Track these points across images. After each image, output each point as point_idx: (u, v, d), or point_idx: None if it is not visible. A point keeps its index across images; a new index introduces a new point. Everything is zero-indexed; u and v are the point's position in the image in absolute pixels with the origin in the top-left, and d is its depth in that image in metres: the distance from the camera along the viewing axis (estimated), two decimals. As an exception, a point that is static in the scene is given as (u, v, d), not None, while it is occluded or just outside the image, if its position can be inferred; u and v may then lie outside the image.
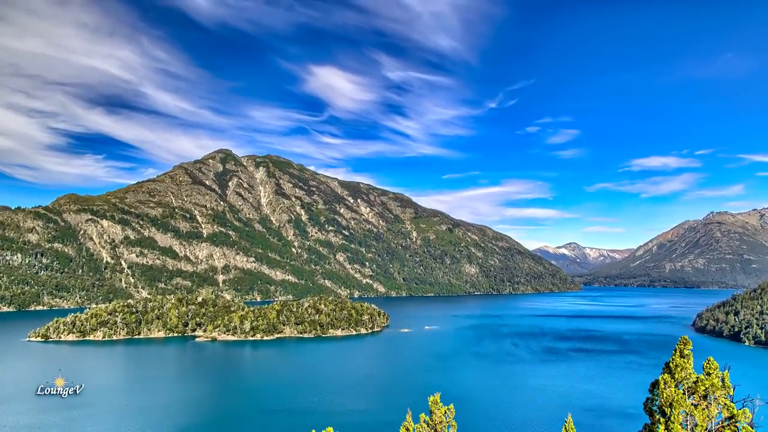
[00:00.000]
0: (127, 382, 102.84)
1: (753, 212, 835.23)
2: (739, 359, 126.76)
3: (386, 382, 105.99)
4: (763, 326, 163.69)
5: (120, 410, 72.03)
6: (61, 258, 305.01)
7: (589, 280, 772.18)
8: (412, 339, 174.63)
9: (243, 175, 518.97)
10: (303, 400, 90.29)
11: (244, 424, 75.37)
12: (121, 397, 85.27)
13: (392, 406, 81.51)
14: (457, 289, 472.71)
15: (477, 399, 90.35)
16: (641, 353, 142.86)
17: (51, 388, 61.82)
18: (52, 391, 61.44)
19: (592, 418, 77.80)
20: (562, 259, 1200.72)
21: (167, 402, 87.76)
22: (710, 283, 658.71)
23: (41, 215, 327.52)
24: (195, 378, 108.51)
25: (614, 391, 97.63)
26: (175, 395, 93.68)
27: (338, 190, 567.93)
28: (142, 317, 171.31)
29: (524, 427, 75.05)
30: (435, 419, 22.33)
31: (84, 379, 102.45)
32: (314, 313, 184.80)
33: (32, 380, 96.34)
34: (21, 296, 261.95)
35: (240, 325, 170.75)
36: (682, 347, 18.88)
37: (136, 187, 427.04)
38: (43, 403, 65.79)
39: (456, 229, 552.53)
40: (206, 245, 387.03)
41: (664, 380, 19.01)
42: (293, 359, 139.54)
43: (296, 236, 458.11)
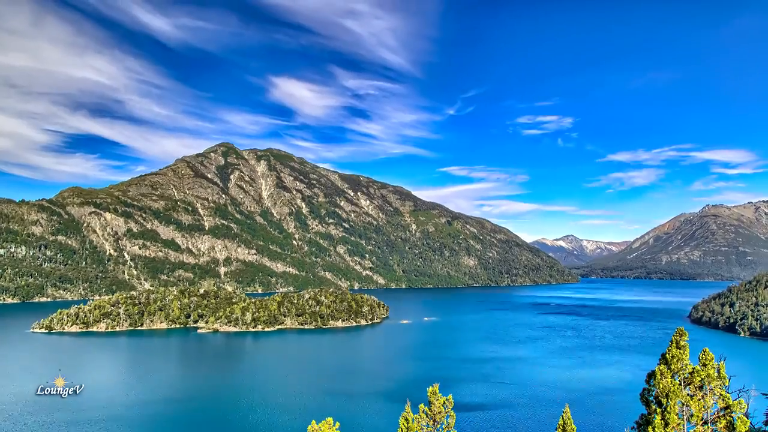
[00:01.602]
0: (129, 374, 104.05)
1: (748, 205, 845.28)
2: (735, 350, 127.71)
3: (386, 372, 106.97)
4: (758, 318, 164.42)
5: (121, 405, 72.26)
6: (64, 250, 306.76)
7: (587, 272, 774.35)
8: (412, 330, 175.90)
9: (244, 168, 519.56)
10: (303, 391, 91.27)
11: (244, 415, 76.35)
12: (122, 390, 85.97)
13: (392, 397, 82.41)
14: (456, 281, 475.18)
15: (476, 389, 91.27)
16: (638, 344, 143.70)
17: (51, 388, 61.60)
18: (52, 391, 61.30)
19: (589, 407, 78.59)
20: (560, 251, 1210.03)
21: (169, 395, 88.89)
22: (706, 275, 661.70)
23: (45, 208, 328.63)
24: (197, 369, 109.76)
25: (611, 382, 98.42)
26: (177, 387, 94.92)
27: (338, 183, 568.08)
28: (144, 309, 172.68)
29: (522, 416, 75.89)
30: (434, 409, 22.53)
31: (87, 371, 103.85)
32: (315, 305, 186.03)
33: (36, 372, 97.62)
34: (25, 288, 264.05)
35: (241, 317, 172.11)
36: (679, 338, 18.99)
37: (139, 180, 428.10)
38: (43, 403, 65.93)
39: (455, 222, 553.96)
40: (208, 238, 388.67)
41: (661, 371, 19.16)
42: (294, 350, 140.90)
43: (297, 229, 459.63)
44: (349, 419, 59.66)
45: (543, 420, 71.28)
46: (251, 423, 71.84)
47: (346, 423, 24.77)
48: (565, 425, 23.21)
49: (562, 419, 23.47)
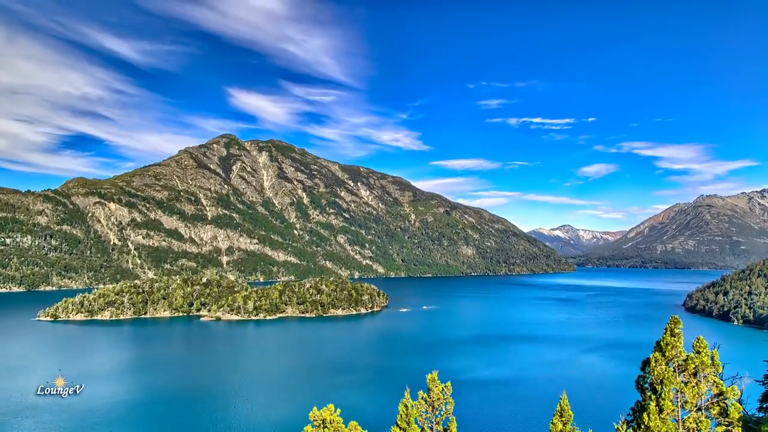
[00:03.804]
0: (132, 363, 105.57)
1: (742, 195, 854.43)
2: (728, 338, 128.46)
3: (385, 360, 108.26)
4: (751, 306, 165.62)
5: (121, 402, 72.28)
6: (69, 240, 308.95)
7: (583, 261, 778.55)
8: (411, 318, 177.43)
9: (246, 159, 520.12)
10: (304, 378, 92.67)
11: (246, 402, 77.65)
12: (124, 382, 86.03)
13: (391, 384, 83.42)
14: (454, 270, 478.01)
15: (474, 376, 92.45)
16: (632, 332, 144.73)
17: (51, 388, 61.57)
18: (52, 391, 61.39)
19: (585, 394, 79.60)
20: (557, 240, 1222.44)
21: (170, 383, 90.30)
22: (700, 264, 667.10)
23: (50, 198, 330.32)
24: (199, 357, 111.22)
25: (607, 369, 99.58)
26: (179, 375, 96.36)
27: (339, 173, 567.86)
28: (148, 297, 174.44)
29: (520, 403, 77.06)
30: (433, 396, 22.84)
31: (91, 359, 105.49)
32: (315, 294, 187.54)
33: (39, 362, 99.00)
34: (31, 277, 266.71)
35: (243, 305, 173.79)
36: (673, 326, 19.17)
37: (143, 171, 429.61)
38: (43, 403, 66.35)
39: (453, 212, 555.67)
40: (211, 227, 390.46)
41: (655, 358, 19.39)
42: (295, 338, 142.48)
43: (298, 219, 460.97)
44: (349, 406, 60.65)
45: (540, 406, 72.34)
46: (252, 410, 73.05)
47: (346, 409, 25.21)
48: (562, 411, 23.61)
49: (559, 405, 23.83)
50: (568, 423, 22.17)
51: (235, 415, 70.40)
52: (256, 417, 69.77)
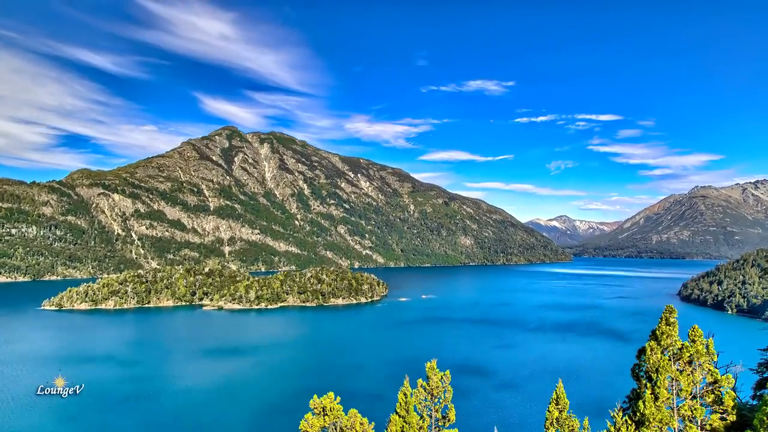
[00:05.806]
0: (135, 352, 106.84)
1: (736, 186, 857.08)
2: (723, 327, 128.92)
3: (385, 348, 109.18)
4: (745, 295, 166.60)
5: (121, 400, 72.25)
6: (74, 230, 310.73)
7: (579, 252, 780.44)
8: (410, 307, 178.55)
9: (248, 150, 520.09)
10: (304, 366, 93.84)
11: (247, 390, 78.77)
12: (125, 376, 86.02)
13: (390, 372, 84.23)
14: (452, 260, 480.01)
15: (472, 365, 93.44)
16: (628, 322, 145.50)
17: (51, 388, 61.53)
18: (52, 391, 61.50)
19: (581, 382, 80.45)
20: (554, 231, 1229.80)
21: (172, 372, 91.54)
22: (695, 254, 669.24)
23: (55, 189, 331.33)
24: (201, 345, 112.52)
25: (603, 357, 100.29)
26: (181, 363, 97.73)
27: (339, 165, 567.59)
28: (151, 287, 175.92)
29: (516, 391, 77.98)
30: (432, 384, 23.13)
31: (94, 349, 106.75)
32: (316, 283, 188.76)
33: (42, 355, 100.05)
34: (36, 267, 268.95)
35: (245, 295, 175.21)
36: (668, 315, 19.30)
37: (146, 162, 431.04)
38: (44, 403, 66.76)
39: (452, 203, 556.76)
40: (213, 218, 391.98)
41: (651, 347, 19.58)
42: (296, 327, 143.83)
43: (299, 209, 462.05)
44: (349, 393, 61.51)
45: (537, 394, 73.25)
46: (253, 398, 74.11)
47: (346, 397, 25.58)
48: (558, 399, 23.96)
49: (555, 393, 24.14)
50: (564, 410, 22.49)
51: (235, 403, 71.42)
52: (256, 405, 70.77)
